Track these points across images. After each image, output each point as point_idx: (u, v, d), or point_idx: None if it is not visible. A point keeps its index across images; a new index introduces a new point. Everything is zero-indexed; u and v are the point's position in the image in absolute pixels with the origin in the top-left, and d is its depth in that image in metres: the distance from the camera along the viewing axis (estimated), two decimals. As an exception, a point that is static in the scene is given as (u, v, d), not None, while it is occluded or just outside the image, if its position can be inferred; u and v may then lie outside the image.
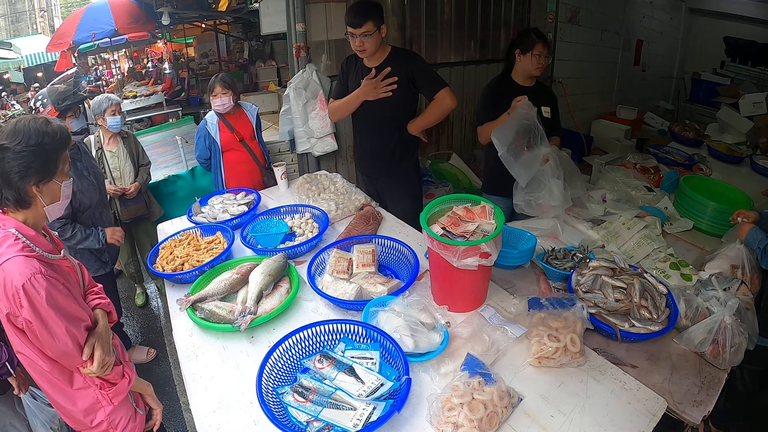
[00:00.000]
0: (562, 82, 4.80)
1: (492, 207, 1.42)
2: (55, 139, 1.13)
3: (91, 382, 1.20)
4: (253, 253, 1.81)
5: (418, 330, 1.23)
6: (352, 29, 2.04)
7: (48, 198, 1.15)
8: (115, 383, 1.22)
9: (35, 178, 1.10)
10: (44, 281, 1.05)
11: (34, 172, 1.10)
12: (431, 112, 2.21)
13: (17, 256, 1.04)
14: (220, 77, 2.70)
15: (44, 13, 16.33)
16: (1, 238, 1.07)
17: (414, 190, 2.46)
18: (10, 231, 1.08)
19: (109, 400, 1.22)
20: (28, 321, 1.05)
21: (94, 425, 1.23)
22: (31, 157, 1.08)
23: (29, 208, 1.13)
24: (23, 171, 1.08)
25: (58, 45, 6.32)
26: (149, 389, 1.39)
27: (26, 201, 1.12)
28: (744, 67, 6.12)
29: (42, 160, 1.11)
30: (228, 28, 8.08)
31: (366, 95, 2.17)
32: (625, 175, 2.53)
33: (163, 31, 7.65)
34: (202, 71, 7.59)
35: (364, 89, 2.16)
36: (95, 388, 1.21)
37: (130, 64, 9.32)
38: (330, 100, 2.42)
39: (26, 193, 1.10)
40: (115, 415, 1.25)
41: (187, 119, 5.10)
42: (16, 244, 1.06)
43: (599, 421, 1.07)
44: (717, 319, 1.33)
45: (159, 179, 3.21)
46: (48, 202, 1.16)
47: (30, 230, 1.12)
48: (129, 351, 2.71)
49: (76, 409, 1.21)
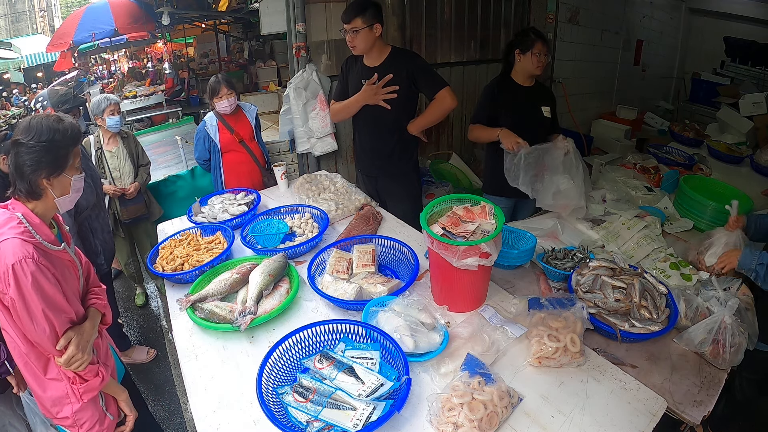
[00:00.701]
0: (562, 82, 4.80)
1: (492, 207, 1.42)
2: (66, 136, 1.20)
3: (65, 374, 1.22)
4: (253, 253, 1.81)
5: (418, 330, 1.23)
6: (344, 24, 2.08)
7: (58, 191, 1.21)
8: (87, 380, 1.24)
9: (46, 171, 1.17)
10: (34, 266, 1.10)
11: (45, 166, 1.16)
12: (432, 111, 2.21)
13: (15, 238, 1.10)
14: (223, 77, 2.70)
15: (44, 13, 16.33)
16: (6, 219, 1.14)
17: (414, 190, 2.46)
18: (16, 215, 1.15)
19: (79, 396, 1.24)
20: (12, 300, 1.10)
21: (59, 417, 1.26)
22: (43, 152, 1.15)
23: (40, 199, 1.20)
24: (35, 165, 1.15)
25: (58, 45, 6.33)
26: (123, 395, 1.38)
27: (37, 192, 1.18)
28: (744, 67, 6.11)
29: (53, 155, 1.17)
30: (228, 28, 8.08)
31: (366, 100, 2.18)
32: (625, 175, 2.53)
33: (163, 31, 7.66)
34: (202, 71, 7.60)
35: (365, 94, 2.16)
36: (67, 381, 1.23)
37: (130, 63, 9.33)
38: (331, 101, 2.42)
39: (37, 185, 1.17)
40: (81, 414, 1.26)
41: (187, 119, 5.10)
42: (18, 227, 1.13)
43: (599, 421, 1.07)
44: (717, 319, 1.33)
45: (159, 179, 3.21)
46: (58, 195, 1.22)
47: (36, 218, 1.17)
48: (129, 351, 2.70)
49: (45, 396, 1.24)
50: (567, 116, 5.07)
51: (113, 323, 2.46)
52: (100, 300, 1.37)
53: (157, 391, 2.51)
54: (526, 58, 2.19)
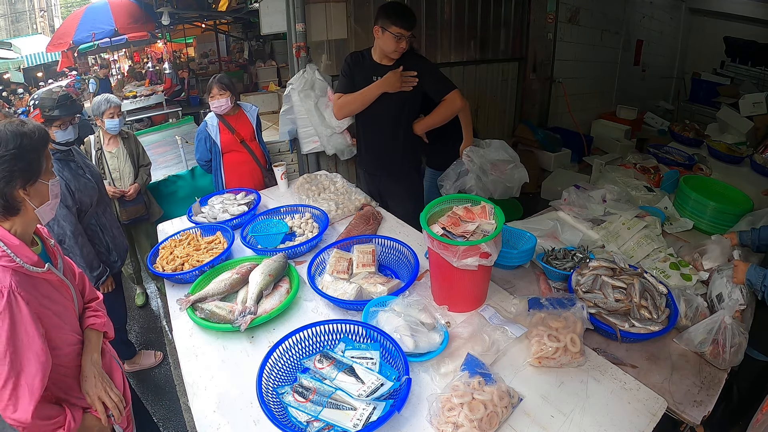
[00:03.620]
0: (562, 82, 4.80)
1: (492, 207, 1.42)
2: (34, 139, 1.10)
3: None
4: (253, 253, 1.81)
5: (418, 330, 1.23)
6: (404, 30, 2.03)
7: (37, 200, 1.13)
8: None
9: (21, 181, 1.08)
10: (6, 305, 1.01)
11: (18, 176, 1.07)
12: (440, 112, 2.21)
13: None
14: (218, 78, 2.69)
15: (44, 13, 16.34)
16: None
17: (415, 189, 2.46)
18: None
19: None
20: None
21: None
22: (13, 160, 1.06)
23: (18, 215, 1.10)
24: (8, 176, 1.06)
25: (58, 45, 6.34)
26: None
27: (15, 207, 1.09)
28: (744, 67, 6.12)
29: (24, 162, 1.08)
30: (228, 28, 8.09)
31: (387, 87, 2.14)
32: (625, 175, 2.53)
33: (163, 31, 7.66)
34: (202, 71, 7.60)
35: (387, 81, 2.13)
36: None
37: (130, 63, 9.33)
38: (336, 94, 2.34)
39: (14, 198, 1.08)
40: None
41: (187, 119, 5.10)
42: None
43: (599, 421, 1.07)
44: (717, 319, 1.33)
45: (159, 179, 3.21)
46: (38, 204, 1.13)
47: (14, 239, 1.08)
48: (135, 357, 2.66)
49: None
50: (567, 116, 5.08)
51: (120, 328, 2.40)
52: (99, 318, 1.31)
53: (157, 391, 2.51)
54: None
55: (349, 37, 3.21)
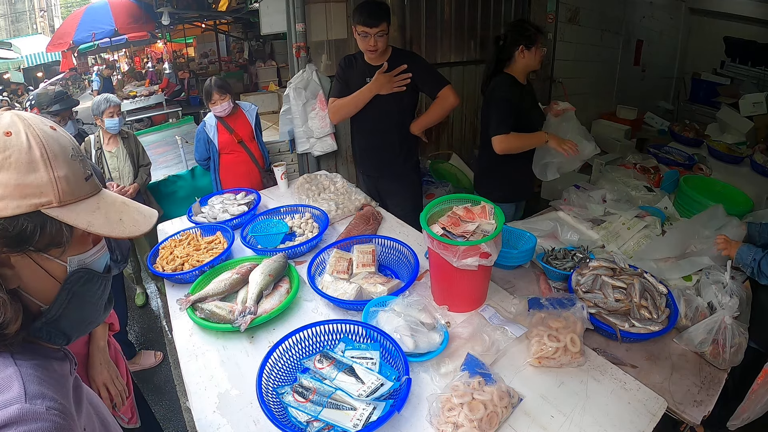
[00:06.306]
0: (562, 82, 4.80)
1: (492, 207, 1.42)
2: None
3: None
4: (253, 253, 1.81)
5: (418, 330, 1.23)
6: (367, 28, 2.02)
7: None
8: None
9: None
10: None
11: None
12: (435, 110, 2.20)
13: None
14: (215, 83, 2.68)
15: (44, 13, 16.34)
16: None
17: (414, 190, 2.46)
18: None
19: None
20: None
21: None
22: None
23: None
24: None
25: (58, 45, 6.33)
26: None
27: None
28: (744, 67, 6.10)
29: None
30: (228, 28, 8.09)
31: (379, 89, 2.14)
32: (625, 175, 2.53)
33: (163, 31, 7.67)
34: (202, 71, 7.61)
35: (378, 83, 2.13)
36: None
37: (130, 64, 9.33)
38: (330, 99, 2.38)
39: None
40: None
41: (187, 119, 5.11)
42: None
43: (599, 421, 1.07)
44: (717, 319, 1.33)
45: (159, 179, 3.21)
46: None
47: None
48: (135, 358, 2.66)
49: None
50: (567, 116, 5.06)
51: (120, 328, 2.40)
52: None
53: (157, 391, 2.51)
54: (531, 54, 2.12)
55: (349, 37, 3.21)
